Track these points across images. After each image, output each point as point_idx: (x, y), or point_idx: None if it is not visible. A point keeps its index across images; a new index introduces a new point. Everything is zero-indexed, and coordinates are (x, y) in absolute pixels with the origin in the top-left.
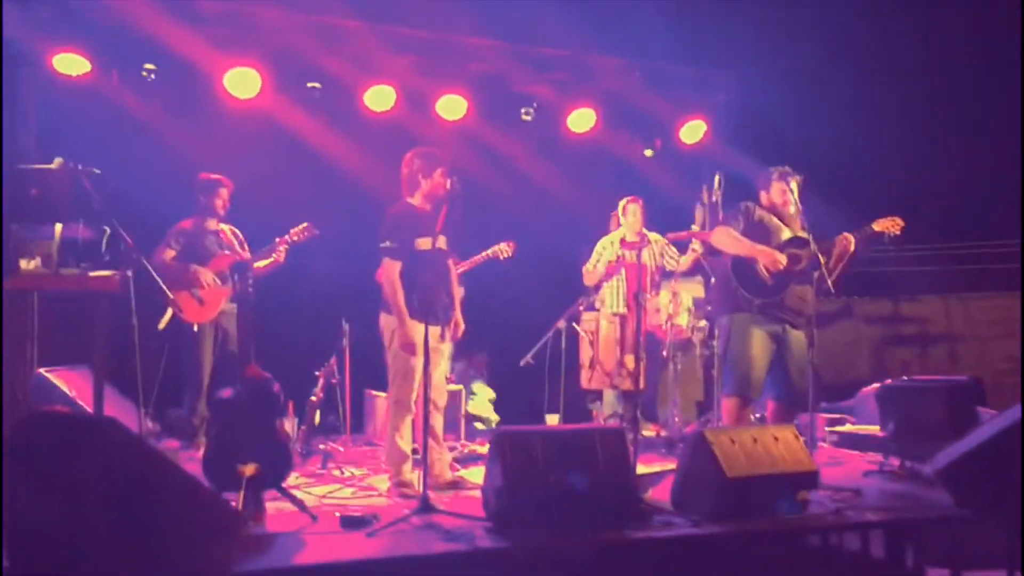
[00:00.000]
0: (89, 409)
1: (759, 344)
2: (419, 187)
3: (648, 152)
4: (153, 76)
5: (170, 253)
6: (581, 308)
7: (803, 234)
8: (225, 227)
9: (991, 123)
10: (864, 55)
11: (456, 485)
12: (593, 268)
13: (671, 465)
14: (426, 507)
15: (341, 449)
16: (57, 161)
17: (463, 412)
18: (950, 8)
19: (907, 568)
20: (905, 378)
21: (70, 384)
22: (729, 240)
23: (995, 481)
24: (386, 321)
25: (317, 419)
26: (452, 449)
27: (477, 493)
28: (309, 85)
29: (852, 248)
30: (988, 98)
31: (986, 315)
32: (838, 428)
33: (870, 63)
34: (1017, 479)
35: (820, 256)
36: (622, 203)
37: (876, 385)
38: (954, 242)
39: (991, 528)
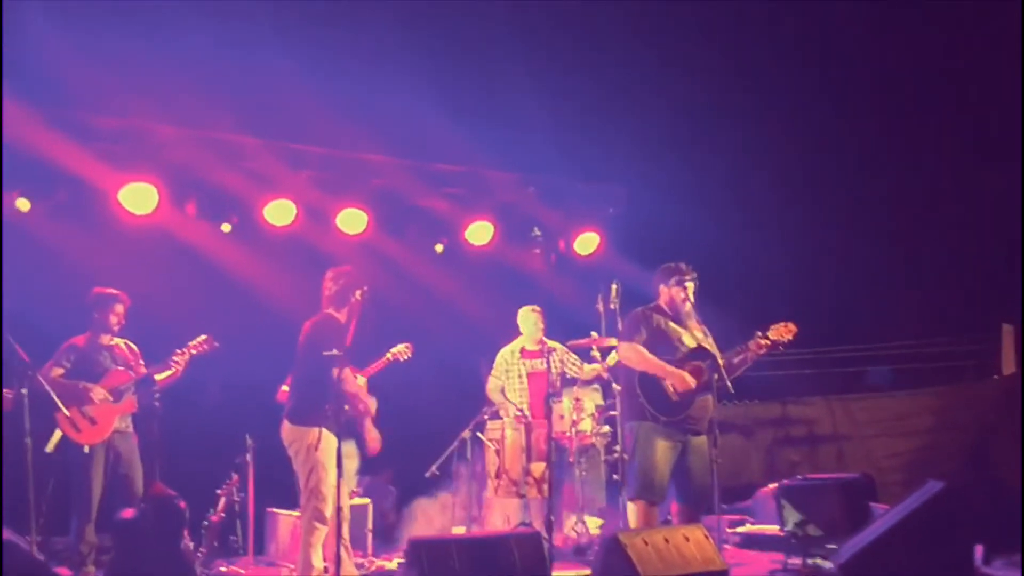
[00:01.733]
0: None
1: (663, 453)
2: (347, 302)
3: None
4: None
5: (58, 371)
6: (486, 417)
7: (701, 336)
8: (120, 341)
9: (867, 229)
10: (753, 161)
11: None
12: (496, 382)
13: (585, 571)
14: None
15: (243, 572)
16: None
17: (369, 527)
18: (825, 106)
19: None
20: (800, 477)
21: None
22: (637, 357)
23: (895, 572)
24: (294, 432)
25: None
26: (360, 566)
27: None
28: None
29: (763, 350)
30: (865, 200)
31: (866, 415)
32: (739, 529)
33: (760, 169)
34: (912, 570)
35: (720, 360)
36: (523, 312)
37: (773, 485)
38: (833, 346)
39: None
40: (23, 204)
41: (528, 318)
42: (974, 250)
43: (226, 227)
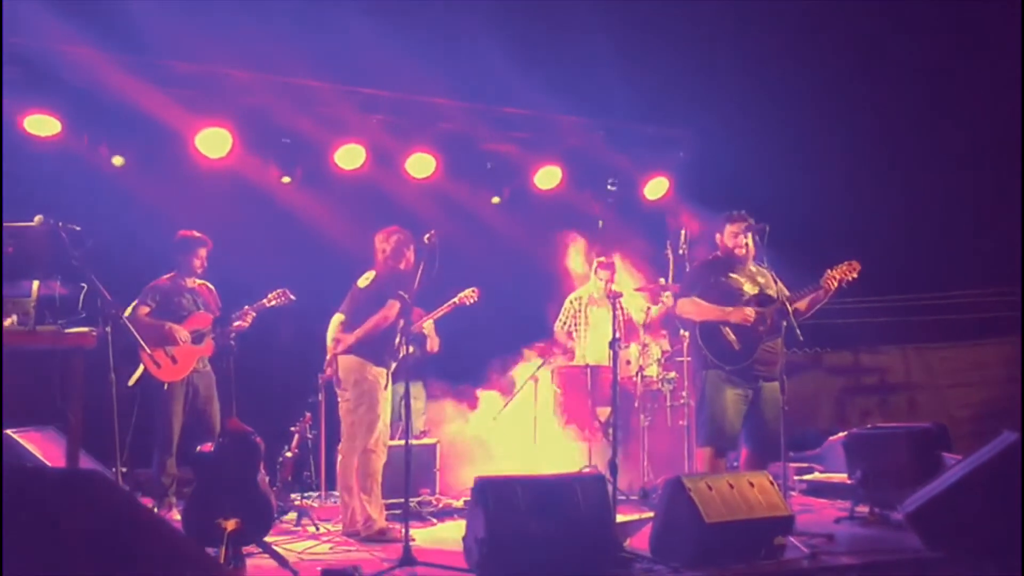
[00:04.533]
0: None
1: (732, 401)
2: (403, 258)
3: (611, 186)
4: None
5: (144, 310)
6: (551, 361)
7: (764, 283)
8: (203, 283)
9: (946, 177)
10: (823, 109)
11: (385, 533)
12: (562, 326)
13: (648, 514)
14: (408, 559)
15: (316, 505)
16: (38, 219)
17: (438, 466)
18: (911, 65)
19: None
20: (870, 426)
21: (37, 446)
22: (694, 308)
23: (963, 523)
24: (363, 368)
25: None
26: (427, 504)
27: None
28: (283, 140)
29: (835, 286)
30: (944, 153)
31: (943, 365)
32: (806, 476)
33: (830, 118)
34: (983, 520)
35: (788, 305)
36: (595, 263)
37: (842, 434)
38: (910, 294)
39: (960, 570)
40: (118, 160)
41: (599, 273)
42: None
43: (286, 179)
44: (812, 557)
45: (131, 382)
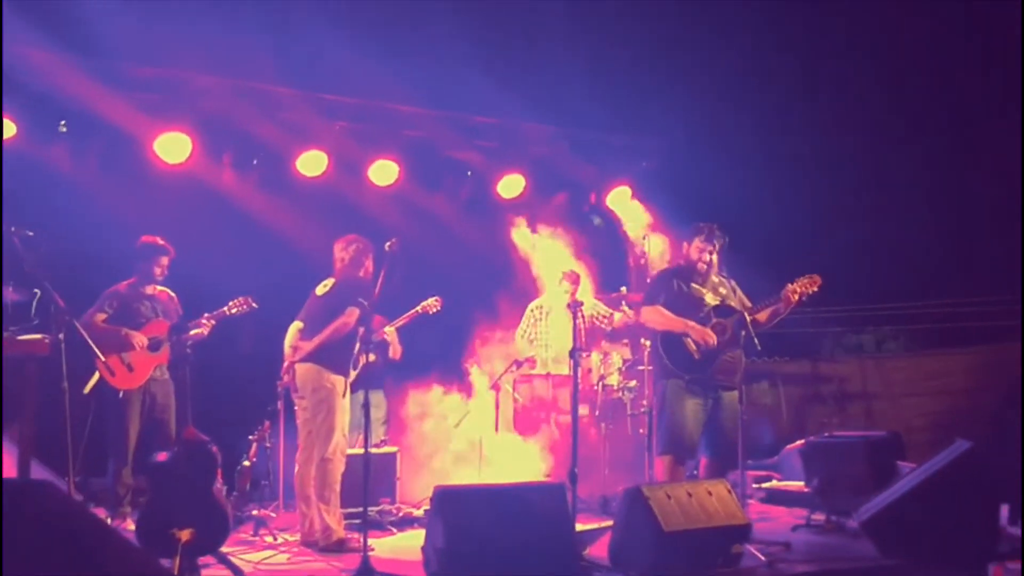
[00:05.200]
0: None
1: (692, 410)
2: (361, 266)
3: (597, 221)
4: (65, 129)
5: (101, 316)
6: (514, 369)
7: (726, 293)
8: (163, 289)
9: (907, 186)
10: (779, 121)
11: (343, 543)
12: (523, 334)
13: (608, 523)
14: (366, 570)
15: (274, 515)
16: None
17: (398, 475)
18: (872, 73)
19: None
20: (827, 435)
21: None
22: (658, 318)
23: (917, 530)
24: (321, 376)
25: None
26: (387, 512)
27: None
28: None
29: (795, 299)
30: (902, 162)
31: (899, 374)
32: (764, 485)
33: (784, 129)
34: (937, 528)
35: (747, 317)
36: (560, 274)
37: (800, 442)
38: (867, 304)
39: None
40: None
41: (563, 286)
42: (1014, 209)
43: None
44: (769, 565)
45: (86, 390)
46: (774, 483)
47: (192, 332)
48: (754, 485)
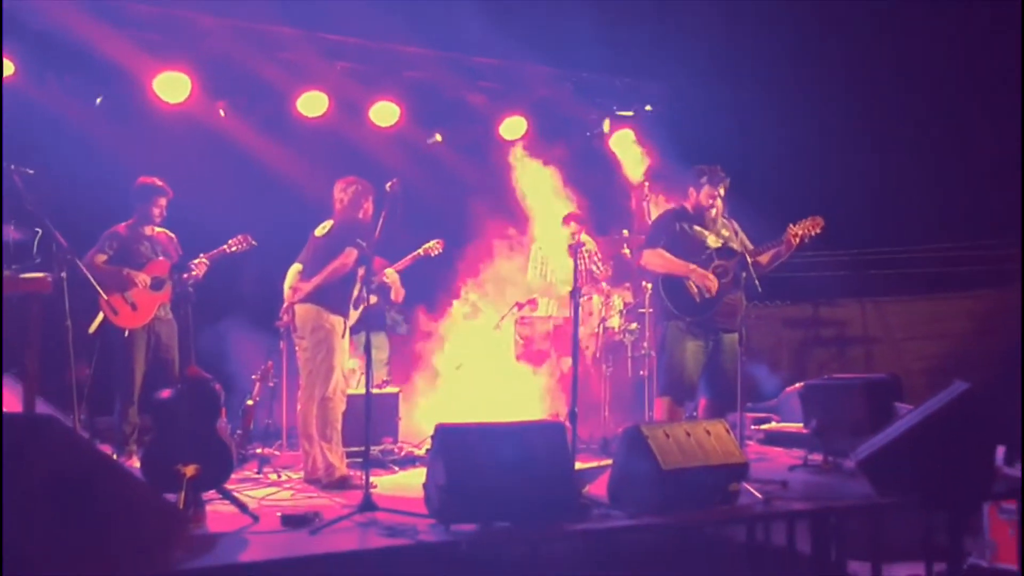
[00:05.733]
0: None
1: (692, 352)
2: (360, 208)
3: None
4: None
5: (102, 257)
6: (516, 309)
7: (729, 236)
8: (162, 230)
9: (906, 131)
10: (782, 65)
11: (346, 480)
12: (535, 272)
13: (607, 462)
14: (368, 505)
15: (278, 453)
16: None
17: (400, 415)
18: (877, 21)
19: (830, 562)
20: (826, 377)
21: None
22: (659, 261)
23: (913, 470)
24: (320, 316)
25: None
26: (389, 452)
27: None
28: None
29: (797, 242)
30: (904, 106)
31: (900, 318)
32: (763, 426)
33: (786, 74)
34: (932, 467)
35: (748, 259)
36: (565, 214)
37: (799, 384)
38: (869, 248)
39: (910, 522)
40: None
41: (571, 227)
42: (1016, 151)
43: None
44: (766, 503)
45: (91, 329)
46: (773, 424)
47: (192, 272)
48: (753, 427)
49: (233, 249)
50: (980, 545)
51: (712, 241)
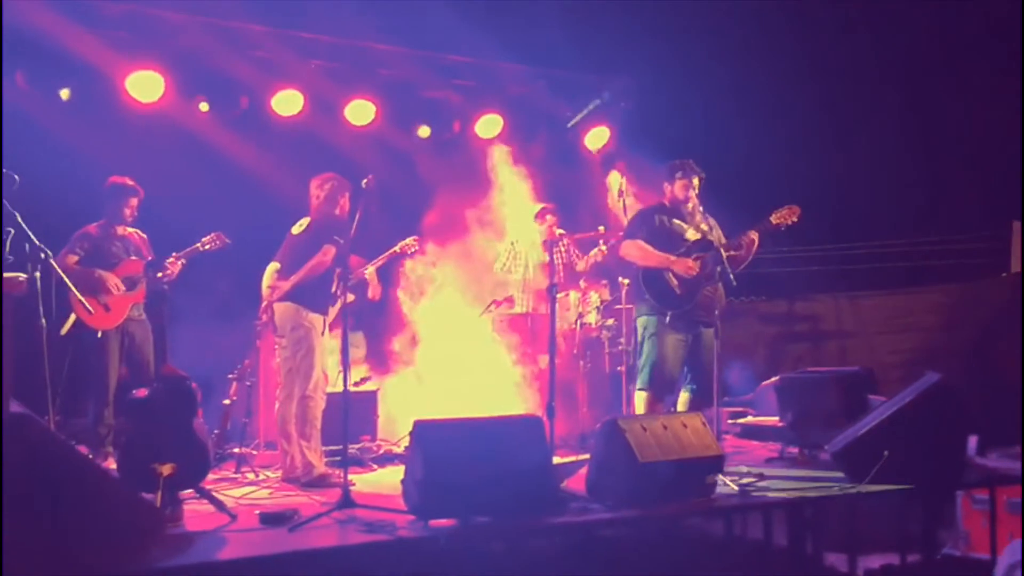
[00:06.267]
0: None
1: (672, 346)
2: (336, 205)
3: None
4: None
5: (73, 258)
6: (493, 306)
7: (706, 230)
8: (133, 231)
9: (877, 126)
10: (753, 62)
11: (325, 478)
12: (502, 268)
13: (585, 456)
14: (346, 502)
15: (255, 453)
16: None
17: (377, 413)
18: (847, 15)
19: (807, 554)
20: (801, 371)
21: None
22: (639, 252)
23: (888, 460)
24: (299, 315)
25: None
26: (367, 450)
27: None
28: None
29: (756, 245)
30: (876, 102)
31: (873, 313)
32: (740, 420)
33: (758, 69)
34: (906, 458)
35: (723, 252)
36: (537, 208)
37: (775, 378)
38: (842, 243)
39: (885, 513)
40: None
41: (546, 218)
42: (985, 146)
43: (204, 107)
44: (742, 495)
45: (63, 331)
46: (749, 418)
47: (165, 271)
48: (729, 421)
49: (207, 247)
50: (954, 535)
51: (691, 234)
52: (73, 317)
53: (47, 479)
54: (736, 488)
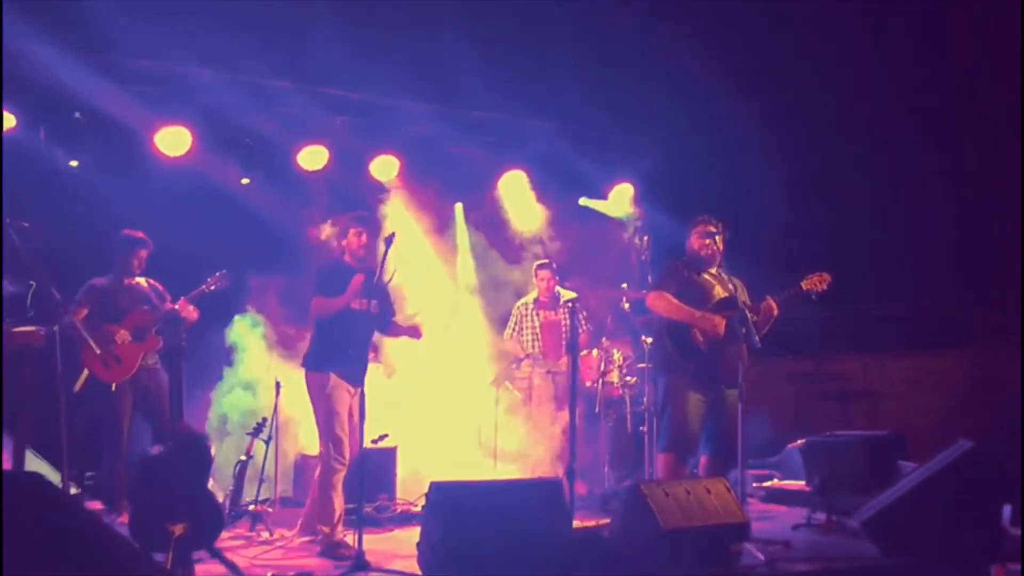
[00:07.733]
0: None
1: (694, 406)
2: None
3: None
4: (80, 117)
5: (83, 312)
6: (513, 366)
7: (733, 289)
8: (141, 280)
9: (905, 186)
10: (782, 118)
11: (337, 547)
12: (510, 333)
13: (605, 520)
14: (360, 564)
15: (271, 511)
16: None
17: (396, 472)
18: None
19: None
20: (828, 434)
21: None
22: (665, 305)
23: (919, 530)
24: (307, 378)
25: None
26: (384, 508)
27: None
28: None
29: (775, 312)
30: (907, 163)
31: (901, 373)
32: (765, 484)
33: (788, 127)
34: (938, 528)
35: (748, 313)
36: (533, 267)
37: (801, 441)
38: (870, 303)
39: None
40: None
41: (539, 274)
42: (1018, 208)
43: (245, 181)
44: (768, 564)
45: (77, 387)
46: (775, 482)
47: (182, 315)
48: (755, 484)
49: (212, 287)
50: None
51: (719, 291)
52: (86, 372)
53: (55, 540)
54: (762, 557)
